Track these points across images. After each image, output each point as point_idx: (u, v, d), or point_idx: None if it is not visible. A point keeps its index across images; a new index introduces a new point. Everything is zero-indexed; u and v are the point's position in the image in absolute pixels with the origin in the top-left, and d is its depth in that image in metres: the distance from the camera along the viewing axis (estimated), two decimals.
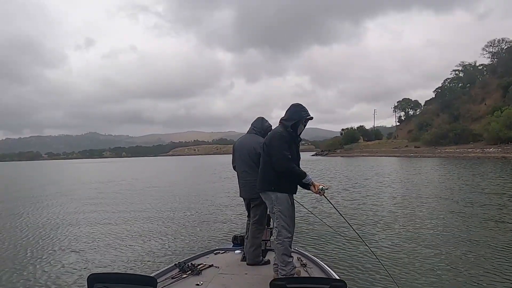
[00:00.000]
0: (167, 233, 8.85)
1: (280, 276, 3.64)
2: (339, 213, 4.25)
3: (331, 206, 4.27)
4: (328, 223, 7.87)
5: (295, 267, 3.85)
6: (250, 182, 4.37)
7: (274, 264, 3.98)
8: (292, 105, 3.98)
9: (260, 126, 4.68)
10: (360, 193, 15.66)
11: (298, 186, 3.92)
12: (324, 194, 3.79)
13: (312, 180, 3.79)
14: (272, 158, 3.77)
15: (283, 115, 3.97)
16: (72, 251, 7.29)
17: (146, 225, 9.83)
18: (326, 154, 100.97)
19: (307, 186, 3.82)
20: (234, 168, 4.73)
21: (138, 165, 73.00)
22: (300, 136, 4.06)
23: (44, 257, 6.92)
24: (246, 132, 4.82)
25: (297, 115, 3.89)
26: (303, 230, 8.73)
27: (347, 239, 7.36)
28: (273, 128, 4.67)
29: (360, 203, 12.73)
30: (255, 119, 4.82)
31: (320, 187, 3.74)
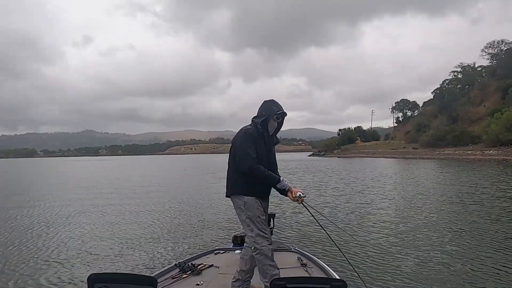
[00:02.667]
0: (167, 233, 8.76)
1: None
2: (319, 224, 3.85)
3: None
4: (329, 223, 7.70)
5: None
6: None
7: (233, 277, 3.61)
8: (264, 100, 3.63)
9: None
10: (359, 194, 15.33)
11: (270, 191, 3.59)
12: (303, 202, 3.48)
13: (289, 185, 3.45)
14: (236, 157, 3.44)
15: (257, 113, 3.62)
16: (72, 251, 7.19)
17: (146, 225, 9.68)
18: (323, 155, 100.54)
19: (284, 192, 3.47)
20: None
21: (134, 164, 72.42)
22: (277, 136, 3.74)
23: (43, 258, 6.81)
24: None
25: (267, 110, 3.52)
26: (303, 230, 8.62)
27: (347, 239, 7.38)
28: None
29: (359, 205, 12.34)
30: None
31: (298, 194, 3.42)
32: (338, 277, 3.62)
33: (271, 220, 4.95)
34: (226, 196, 3.64)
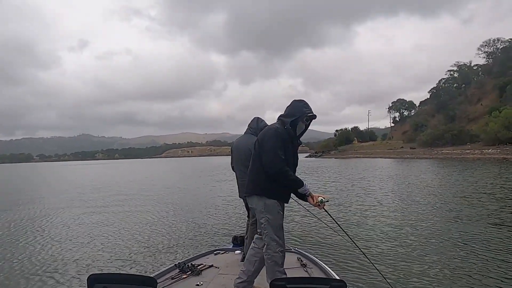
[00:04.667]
0: (167, 233, 8.82)
1: None
2: (340, 226, 3.72)
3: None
4: (328, 223, 7.62)
5: None
6: None
7: (238, 278, 3.46)
8: (294, 100, 3.50)
9: (255, 126, 4.61)
10: (358, 196, 14.93)
11: (291, 194, 3.48)
12: (324, 207, 3.36)
13: (310, 190, 3.34)
14: (263, 157, 3.28)
15: (284, 112, 3.48)
16: (72, 252, 7.25)
17: (146, 226, 9.76)
18: (320, 156, 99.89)
19: (303, 197, 3.39)
20: (233, 168, 4.70)
21: (131, 168, 72.44)
22: (300, 138, 3.57)
23: (44, 258, 6.86)
24: (243, 133, 4.80)
25: (298, 111, 3.39)
26: (303, 230, 8.58)
27: (347, 239, 6.96)
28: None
29: (359, 206, 12.03)
30: (251, 119, 4.76)
31: (320, 198, 3.32)
32: (337, 278, 3.63)
33: None
34: (244, 195, 3.48)
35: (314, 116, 3.46)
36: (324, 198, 3.34)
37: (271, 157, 3.21)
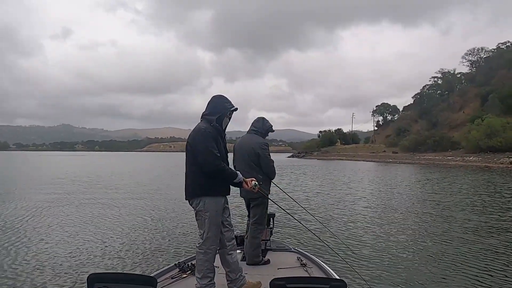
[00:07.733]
0: (167, 233, 8.77)
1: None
2: (275, 203, 4.26)
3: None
4: (328, 223, 8.22)
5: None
6: None
7: (227, 280, 3.55)
8: (214, 96, 3.62)
9: (260, 126, 4.64)
10: (347, 196, 15.39)
11: (230, 187, 3.58)
12: (259, 190, 3.68)
13: (243, 178, 3.56)
14: (198, 158, 3.35)
15: (205, 110, 3.58)
16: (72, 251, 7.08)
17: (146, 225, 9.62)
18: (302, 156, 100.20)
19: (239, 184, 3.57)
20: (234, 168, 4.54)
21: (110, 162, 71.25)
22: (225, 131, 3.72)
23: (43, 258, 6.66)
24: (246, 132, 4.84)
25: (222, 108, 3.53)
26: (303, 230, 8.56)
27: (346, 239, 7.58)
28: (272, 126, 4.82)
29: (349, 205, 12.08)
30: (255, 119, 4.80)
31: (253, 183, 3.61)
32: (337, 277, 3.64)
33: (271, 220, 4.93)
34: (187, 198, 3.50)
35: (236, 109, 3.62)
36: (256, 182, 3.61)
37: (207, 157, 3.30)
